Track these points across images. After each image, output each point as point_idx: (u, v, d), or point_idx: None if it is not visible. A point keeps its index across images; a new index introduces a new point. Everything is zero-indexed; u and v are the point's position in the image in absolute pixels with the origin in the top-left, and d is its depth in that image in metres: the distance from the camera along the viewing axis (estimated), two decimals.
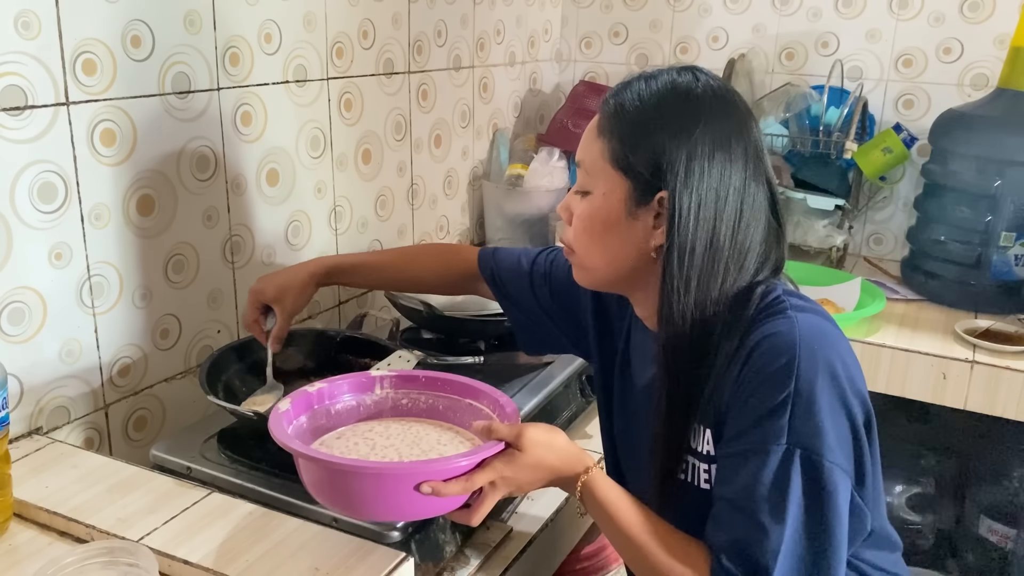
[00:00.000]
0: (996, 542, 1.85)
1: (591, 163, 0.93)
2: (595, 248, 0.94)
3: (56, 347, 1.11)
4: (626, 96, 0.92)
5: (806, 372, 0.82)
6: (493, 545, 1.07)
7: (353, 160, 1.59)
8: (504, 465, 0.87)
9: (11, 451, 0.98)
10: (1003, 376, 1.55)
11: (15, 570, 0.84)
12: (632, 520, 0.89)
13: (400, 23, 1.66)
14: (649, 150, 0.88)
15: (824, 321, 0.88)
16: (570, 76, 2.38)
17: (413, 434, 0.97)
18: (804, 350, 0.83)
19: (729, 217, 0.88)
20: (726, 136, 0.88)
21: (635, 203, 0.90)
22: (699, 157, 0.87)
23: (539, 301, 1.15)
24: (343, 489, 0.84)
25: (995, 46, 1.93)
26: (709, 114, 0.88)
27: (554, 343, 1.19)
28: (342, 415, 0.99)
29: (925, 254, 1.85)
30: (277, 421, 0.89)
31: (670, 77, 0.92)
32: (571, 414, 1.33)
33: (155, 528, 0.88)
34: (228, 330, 1.37)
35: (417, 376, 1.02)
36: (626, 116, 0.91)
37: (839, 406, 0.83)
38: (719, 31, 2.19)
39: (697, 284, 0.88)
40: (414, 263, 1.25)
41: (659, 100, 0.90)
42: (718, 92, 0.91)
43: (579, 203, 0.95)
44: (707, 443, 0.90)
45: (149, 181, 1.19)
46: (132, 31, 1.13)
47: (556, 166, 2.01)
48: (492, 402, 0.97)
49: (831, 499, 0.82)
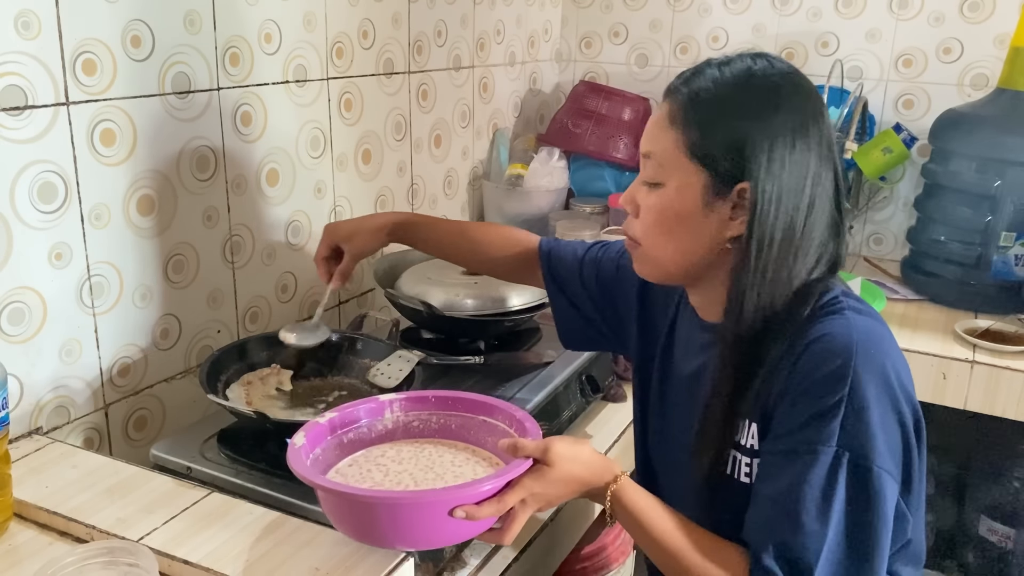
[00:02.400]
0: (996, 542, 1.85)
1: (663, 154, 0.90)
2: (666, 241, 0.92)
3: (56, 347, 1.11)
4: (700, 84, 0.89)
5: (860, 376, 0.81)
6: (493, 545, 1.07)
7: (353, 160, 1.59)
8: (534, 482, 0.86)
9: (11, 451, 0.98)
10: (1003, 376, 1.55)
11: (15, 570, 0.84)
12: (664, 526, 0.88)
13: (400, 23, 1.66)
14: (730, 140, 0.86)
15: (879, 325, 0.87)
16: (570, 76, 2.38)
17: (426, 456, 0.95)
18: (860, 353, 0.82)
19: (804, 206, 0.87)
20: (804, 122, 0.86)
21: (713, 194, 0.88)
22: (781, 145, 0.85)
23: (586, 289, 1.15)
24: (373, 522, 0.81)
25: (995, 46, 1.93)
26: (788, 100, 0.87)
27: (594, 335, 1.19)
28: (354, 443, 0.97)
29: (925, 254, 1.85)
30: (297, 457, 0.86)
31: (744, 64, 0.89)
32: (571, 414, 1.33)
33: (155, 528, 0.88)
34: (228, 330, 1.37)
35: (427, 397, 1.00)
36: (703, 105, 0.88)
37: (891, 411, 0.83)
38: (719, 31, 2.19)
39: (773, 275, 0.86)
40: (481, 234, 1.23)
41: (738, 88, 0.88)
42: (794, 78, 0.89)
43: (648, 195, 0.92)
44: (752, 437, 0.90)
45: (149, 181, 1.19)
46: (132, 31, 1.13)
47: (556, 166, 2.01)
48: (508, 417, 0.94)
49: (878, 504, 0.81)
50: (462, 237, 1.23)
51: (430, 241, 1.24)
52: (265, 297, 1.44)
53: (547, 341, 1.43)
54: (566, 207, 2.09)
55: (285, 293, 1.48)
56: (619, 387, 1.49)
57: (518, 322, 1.45)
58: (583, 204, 2.07)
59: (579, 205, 2.07)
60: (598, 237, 1.88)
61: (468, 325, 1.38)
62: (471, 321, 1.37)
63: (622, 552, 1.42)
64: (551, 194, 2.01)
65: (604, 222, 2.00)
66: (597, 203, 2.05)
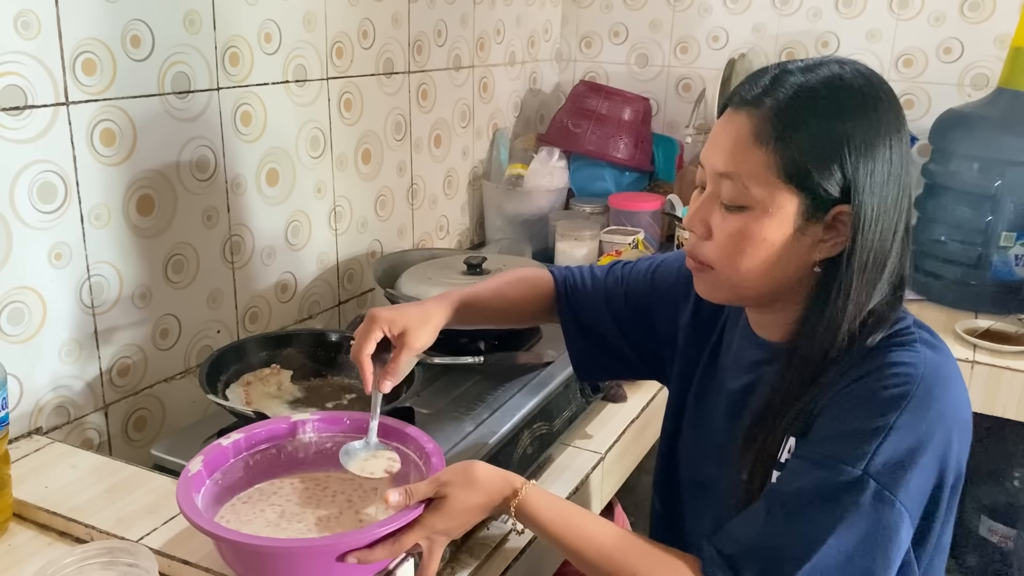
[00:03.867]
0: (996, 542, 1.85)
1: (751, 176, 0.81)
2: (749, 266, 0.84)
3: (56, 347, 1.11)
4: (786, 94, 0.81)
5: (915, 410, 0.77)
6: (493, 545, 1.07)
7: (353, 160, 1.59)
8: (434, 518, 0.84)
9: (11, 451, 0.98)
10: (1003, 376, 1.55)
11: (15, 570, 0.84)
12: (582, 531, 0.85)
13: (400, 23, 1.66)
14: (829, 160, 0.79)
15: (949, 364, 0.83)
16: (570, 76, 2.38)
17: (330, 495, 0.91)
18: (921, 389, 0.77)
19: (900, 225, 0.82)
20: (898, 130, 0.81)
21: (807, 219, 0.81)
22: (881, 159, 0.79)
23: (613, 315, 1.09)
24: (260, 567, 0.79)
25: (995, 46, 1.93)
26: (883, 114, 0.80)
27: (614, 363, 1.13)
28: (261, 466, 0.93)
29: (925, 254, 1.85)
30: (186, 488, 0.81)
31: (832, 70, 0.82)
32: (571, 414, 1.33)
33: (155, 528, 0.88)
34: (228, 330, 1.37)
35: (341, 418, 0.97)
36: (795, 120, 0.80)
37: (933, 459, 0.77)
38: (719, 31, 2.19)
39: (855, 298, 0.81)
40: (510, 291, 1.13)
41: (831, 98, 0.80)
42: (883, 84, 0.83)
43: (727, 219, 0.84)
44: (788, 451, 0.84)
45: (149, 181, 1.19)
46: (132, 31, 1.13)
47: (556, 166, 2.01)
48: (418, 448, 0.91)
49: (888, 539, 0.76)
50: (498, 299, 1.12)
51: (477, 321, 1.12)
52: (265, 297, 1.44)
53: (547, 341, 1.43)
54: (566, 207, 2.09)
55: (285, 293, 1.48)
56: (619, 387, 1.49)
57: None
58: (583, 204, 2.07)
59: (579, 205, 2.07)
60: (598, 237, 1.88)
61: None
62: None
63: None
64: (551, 194, 2.01)
65: (604, 222, 2.00)
66: (597, 203, 2.05)
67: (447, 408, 1.21)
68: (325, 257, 1.57)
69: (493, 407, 1.22)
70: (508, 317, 1.15)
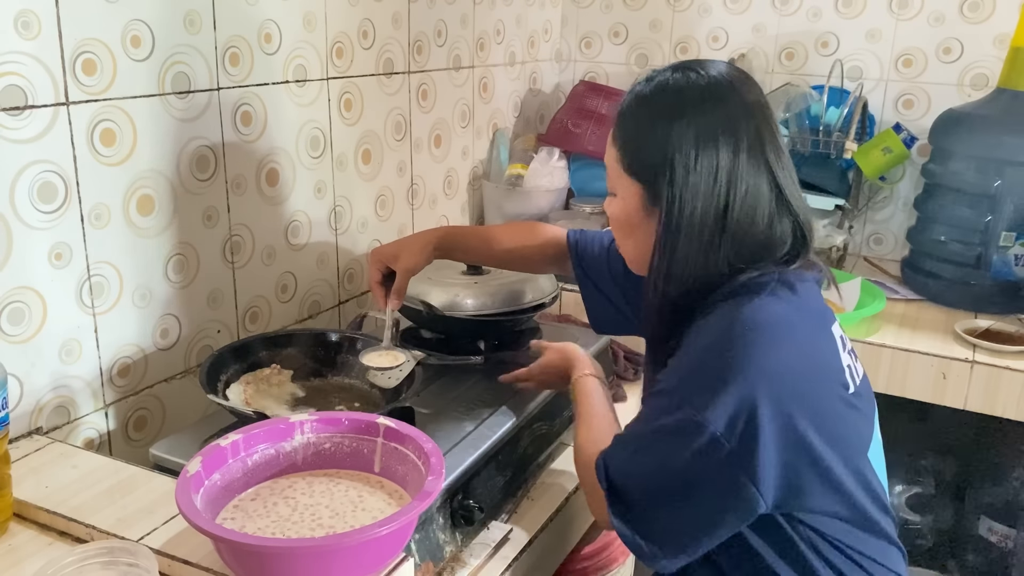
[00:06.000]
0: (996, 542, 1.85)
1: (610, 168, 1.02)
2: (627, 243, 1.04)
3: (56, 347, 1.11)
4: (625, 102, 1.00)
5: (734, 351, 0.87)
6: (493, 545, 1.07)
7: (353, 160, 1.60)
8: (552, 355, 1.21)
9: (11, 451, 0.98)
10: (1003, 376, 1.55)
11: (15, 570, 0.84)
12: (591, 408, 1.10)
13: (400, 23, 1.66)
14: (646, 156, 0.96)
15: (777, 314, 0.90)
16: (570, 76, 2.38)
17: (330, 495, 0.91)
18: (738, 331, 0.88)
19: (719, 207, 0.93)
20: (711, 128, 0.92)
21: (650, 203, 0.98)
22: (707, 158, 0.92)
23: (613, 277, 1.23)
24: (260, 567, 0.78)
25: (995, 46, 1.93)
26: (692, 110, 0.93)
27: (621, 320, 1.26)
28: (260, 467, 0.92)
29: (925, 254, 1.85)
30: (184, 488, 0.81)
31: (663, 77, 0.98)
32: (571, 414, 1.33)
33: (155, 528, 0.88)
34: (228, 330, 1.37)
35: (339, 419, 0.96)
36: (624, 124, 0.99)
37: (738, 388, 0.86)
38: (719, 31, 2.19)
39: (680, 270, 0.95)
40: (512, 236, 1.30)
41: (646, 104, 0.97)
42: (703, 86, 0.95)
43: (609, 203, 1.04)
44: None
45: (149, 181, 1.19)
46: (132, 31, 1.13)
47: (556, 166, 2.01)
48: (416, 448, 0.91)
49: (693, 458, 0.87)
50: (496, 240, 1.30)
51: (469, 251, 1.31)
52: (265, 297, 1.44)
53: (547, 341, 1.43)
54: (566, 207, 2.09)
55: (285, 293, 1.48)
56: (619, 387, 1.49)
57: (518, 322, 1.45)
58: (583, 204, 2.07)
59: (579, 205, 2.07)
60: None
61: (468, 325, 1.38)
62: (471, 321, 1.37)
63: (622, 552, 1.41)
64: (551, 194, 2.01)
65: (604, 222, 2.00)
66: (597, 203, 2.05)
67: (447, 408, 1.21)
68: (325, 257, 1.57)
69: (493, 407, 1.22)
70: (511, 262, 1.33)
